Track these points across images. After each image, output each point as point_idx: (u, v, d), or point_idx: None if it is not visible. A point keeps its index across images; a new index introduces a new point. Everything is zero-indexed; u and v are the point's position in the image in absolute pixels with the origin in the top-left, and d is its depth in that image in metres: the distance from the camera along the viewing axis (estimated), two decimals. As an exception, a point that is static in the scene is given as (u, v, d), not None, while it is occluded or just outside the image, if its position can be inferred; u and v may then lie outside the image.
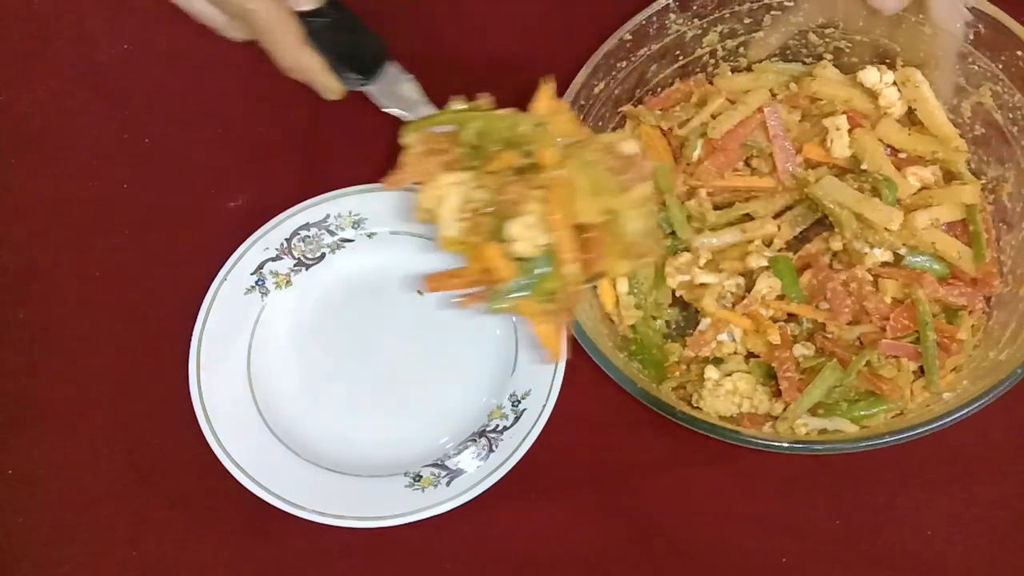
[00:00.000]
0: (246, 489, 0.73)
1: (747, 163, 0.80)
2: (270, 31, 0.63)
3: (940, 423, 0.65)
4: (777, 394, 0.73)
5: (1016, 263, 0.73)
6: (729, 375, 0.73)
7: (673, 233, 0.78)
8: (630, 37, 0.78)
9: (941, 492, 0.74)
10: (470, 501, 0.73)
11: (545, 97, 0.64)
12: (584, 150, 0.61)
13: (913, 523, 0.73)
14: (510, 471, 0.73)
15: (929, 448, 0.74)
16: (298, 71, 0.66)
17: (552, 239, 0.59)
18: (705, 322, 0.76)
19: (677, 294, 0.79)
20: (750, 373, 0.74)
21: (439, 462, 0.75)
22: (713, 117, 0.79)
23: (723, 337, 0.75)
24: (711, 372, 0.73)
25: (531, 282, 0.61)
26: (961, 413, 0.65)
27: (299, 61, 0.65)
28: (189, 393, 0.77)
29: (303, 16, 0.67)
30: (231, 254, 0.81)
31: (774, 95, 0.81)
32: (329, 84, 0.66)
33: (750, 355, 0.76)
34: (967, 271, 0.74)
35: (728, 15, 0.80)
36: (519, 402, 0.76)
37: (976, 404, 0.65)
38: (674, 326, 0.79)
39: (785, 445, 0.67)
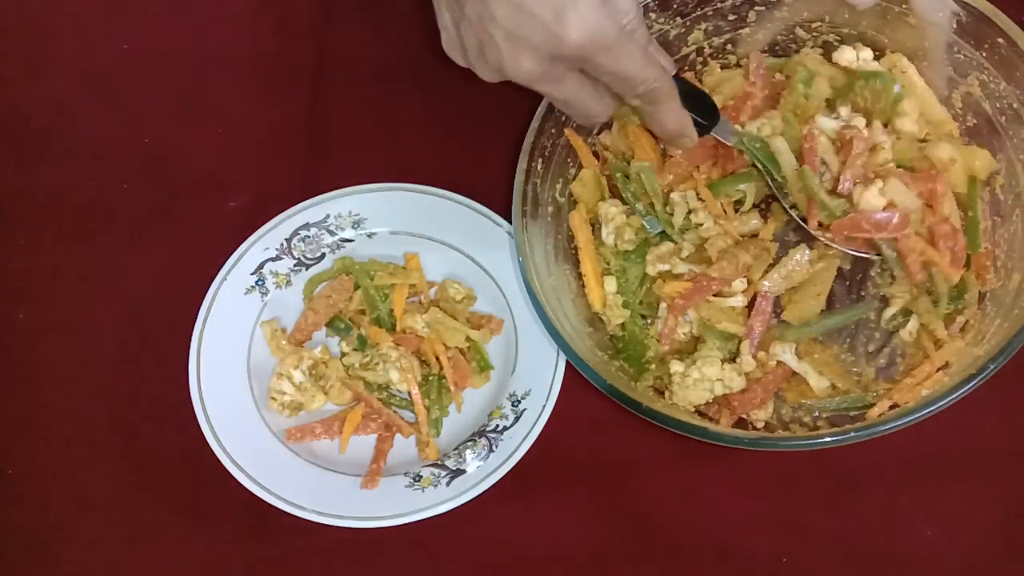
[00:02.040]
0: (246, 489, 0.73)
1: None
2: (663, 100, 0.69)
3: (912, 418, 0.64)
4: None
5: (1008, 256, 0.73)
6: (694, 363, 0.72)
7: (663, 232, 0.77)
8: None
9: (941, 492, 0.74)
10: (470, 501, 0.73)
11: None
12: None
13: (913, 523, 0.73)
14: (510, 471, 0.73)
15: (929, 448, 0.74)
16: (680, 131, 0.73)
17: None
18: (662, 307, 0.76)
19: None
20: (714, 355, 0.73)
21: (439, 462, 0.75)
22: None
23: (686, 318, 0.75)
24: (675, 366, 0.73)
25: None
26: (932, 408, 0.64)
27: (683, 121, 0.72)
28: (189, 393, 0.77)
29: None
30: (231, 254, 0.81)
31: None
32: (694, 136, 0.74)
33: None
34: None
35: (711, 12, 0.80)
36: (519, 402, 0.76)
37: (947, 399, 0.64)
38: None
39: (747, 440, 0.67)
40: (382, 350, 0.77)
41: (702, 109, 0.74)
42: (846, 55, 0.76)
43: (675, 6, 0.79)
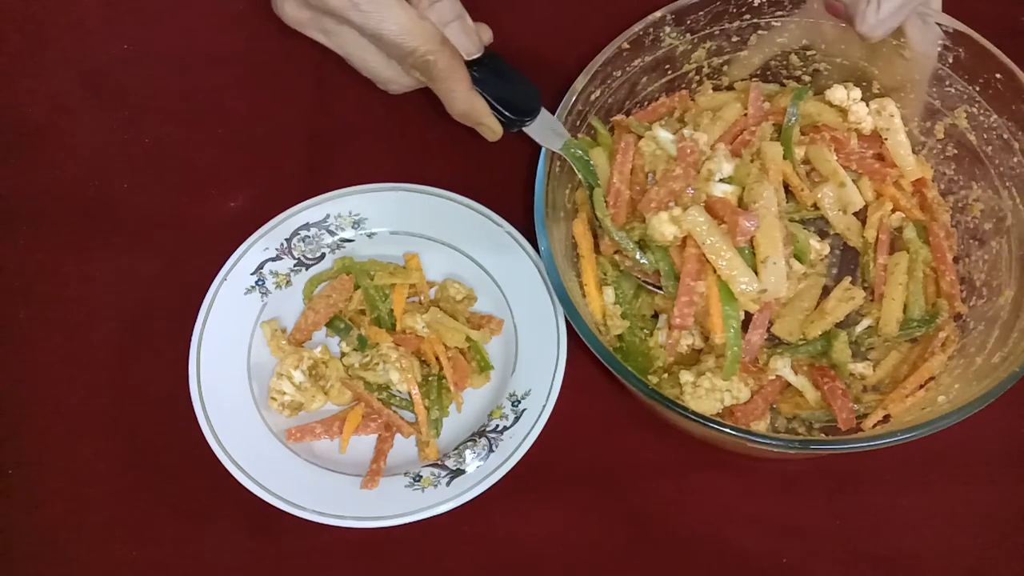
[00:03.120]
0: (246, 489, 0.74)
1: None
2: (446, 78, 0.66)
3: (937, 425, 0.64)
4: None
5: (991, 276, 0.74)
6: (703, 374, 0.72)
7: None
8: (628, 46, 0.78)
9: (941, 492, 0.74)
10: (470, 501, 0.73)
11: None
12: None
13: (913, 523, 0.73)
14: (510, 471, 0.73)
15: (929, 449, 0.74)
16: (468, 114, 0.69)
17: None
18: (661, 319, 0.76)
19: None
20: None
21: (439, 462, 0.75)
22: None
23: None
24: (686, 376, 0.73)
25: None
26: (958, 415, 0.64)
27: (471, 105, 0.68)
28: (189, 393, 0.77)
29: (467, 65, 0.71)
30: (231, 254, 0.82)
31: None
32: (493, 126, 0.70)
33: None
34: None
35: (718, 32, 0.81)
36: (519, 402, 0.76)
37: (974, 406, 0.65)
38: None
39: (783, 443, 0.67)
40: (382, 350, 0.77)
41: (521, 99, 0.69)
42: (837, 94, 0.77)
43: (688, 22, 0.79)
